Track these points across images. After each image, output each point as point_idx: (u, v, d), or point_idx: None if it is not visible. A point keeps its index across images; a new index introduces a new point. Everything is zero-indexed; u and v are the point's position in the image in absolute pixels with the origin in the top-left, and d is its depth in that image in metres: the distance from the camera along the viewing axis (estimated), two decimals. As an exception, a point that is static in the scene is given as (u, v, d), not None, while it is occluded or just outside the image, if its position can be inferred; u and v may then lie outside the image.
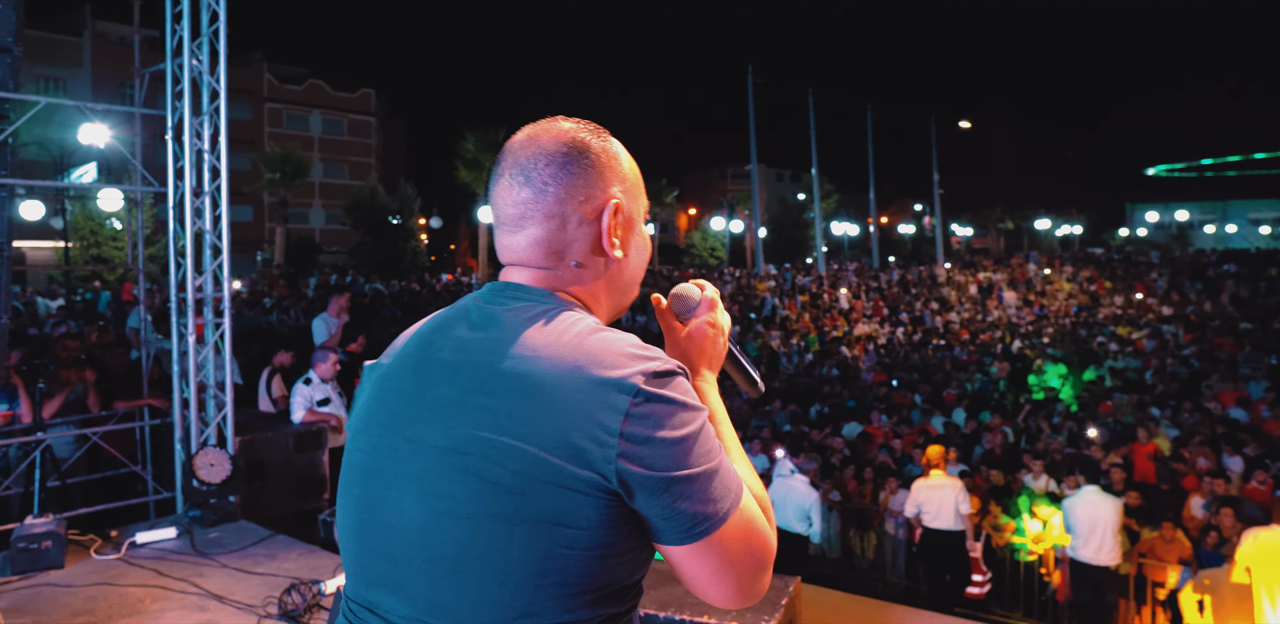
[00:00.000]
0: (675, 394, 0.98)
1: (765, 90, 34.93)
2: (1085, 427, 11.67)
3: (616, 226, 1.16)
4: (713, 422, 1.14)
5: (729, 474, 1.01)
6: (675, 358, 1.22)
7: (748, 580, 1.02)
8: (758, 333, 22.07)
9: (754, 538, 1.02)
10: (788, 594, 3.68)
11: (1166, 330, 24.49)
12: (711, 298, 1.33)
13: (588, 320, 1.06)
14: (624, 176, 1.18)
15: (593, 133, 1.18)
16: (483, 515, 0.96)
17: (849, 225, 52.35)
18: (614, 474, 0.93)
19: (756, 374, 1.40)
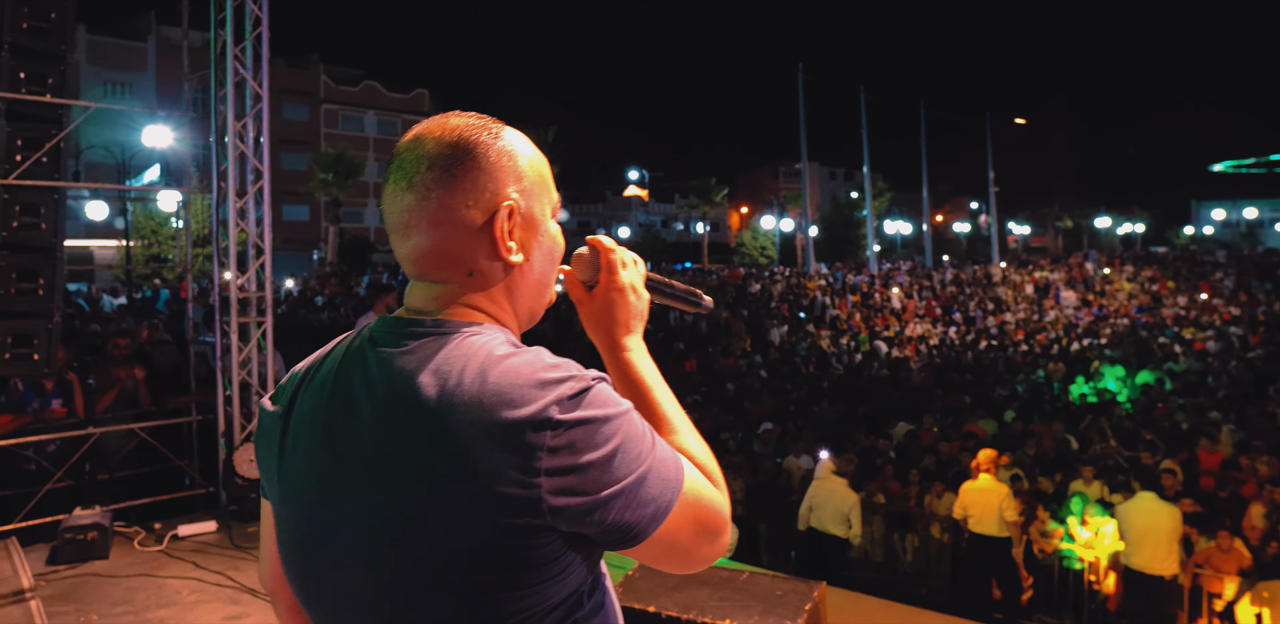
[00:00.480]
0: (593, 412, 0.94)
1: (818, 88, 34.65)
2: (1140, 431, 11.37)
3: (513, 229, 1.08)
4: (647, 396, 1.17)
5: (665, 465, 0.99)
6: (592, 328, 1.26)
7: (701, 551, 1.04)
8: (808, 332, 21.90)
9: (702, 515, 1.03)
10: (812, 599, 3.64)
11: (1233, 332, 23.76)
12: (611, 259, 1.27)
13: (490, 347, 0.99)
14: (520, 175, 1.10)
15: (482, 129, 1.09)
16: (431, 580, 0.95)
17: (902, 224, 51.66)
18: (547, 513, 0.91)
19: (694, 295, 1.37)
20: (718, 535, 1.05)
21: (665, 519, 0.98)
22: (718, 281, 26.06)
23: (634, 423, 0.98)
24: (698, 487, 1.03)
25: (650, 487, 0.97)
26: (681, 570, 1.06)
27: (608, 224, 58.37)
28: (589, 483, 0.92)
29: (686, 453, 1.10)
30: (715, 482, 1.08)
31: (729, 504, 1.08)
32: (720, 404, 13.48)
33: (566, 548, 0.96)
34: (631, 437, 0.96)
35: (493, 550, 0.92)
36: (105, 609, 3.91)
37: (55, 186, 5.34)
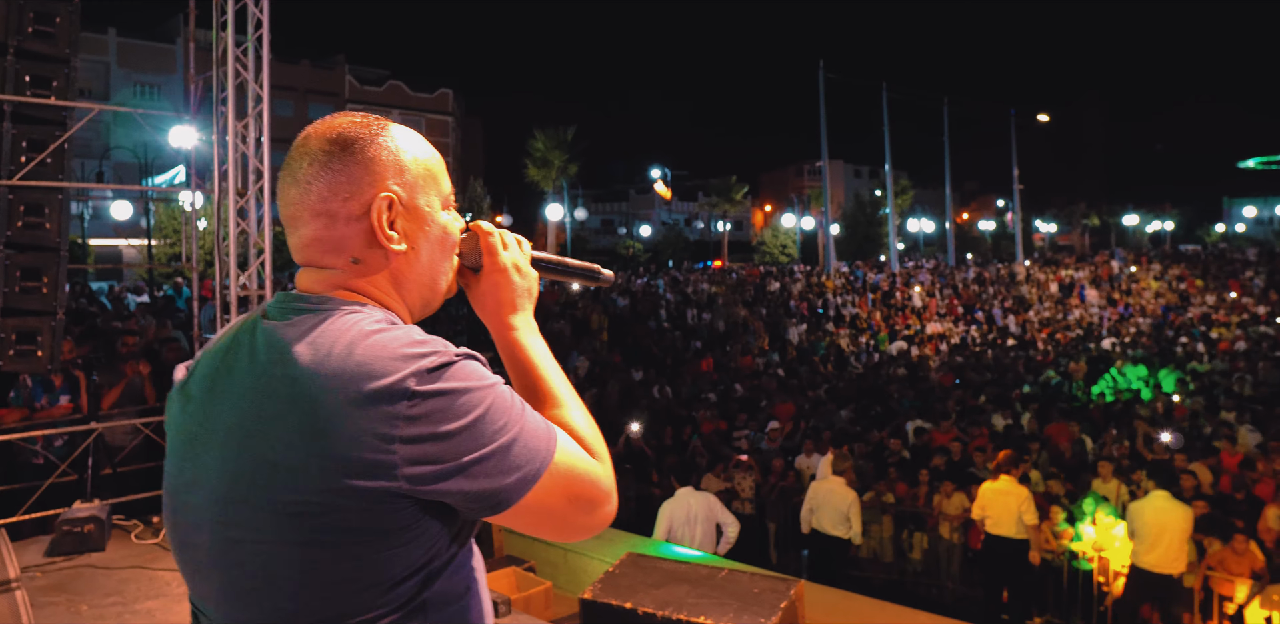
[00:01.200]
0: (452, 384, 0.99)
1: (842, 86, 34.49)
2: (1159, 431, 11.23)
3: (393, 220, 1.14)
4: (532, 372, 1.23)
5: (533, 435, 1.04)
6: (480, 310, 1.31)
7: (578, 521, 1.10)
8: (827, 331, 21.82)
9: (576, 483, 1.08)
10: (788, 597, 3.63)
11: (1264, 331, 23.37)
12: (490, 242, 1.30)
13: (363, 324, 1.05)
14: (402, 168, 1.15)
15: (365, 126, 1.15)
16: (274, 540, 0.99)
17: (926, 222, 51.27)
18: (402, 479, 0.96)
19: (591, 270, 1.41)
20: (596, 505, 1.10)
21: (533, 487, 1.03)
22: (736, 280, 25.99)
23: (500, 396, 1.03)
24: (571, 458, 1.09)
25: (516, 455, 1.01)
26: (560, 538, 1.12)
27: (630, 223, 58.38)
28: (446, 451, 0.97)
29: (568, 427, 1.15)
30: (596, 455, 1.14)
31: (610, 477, 1.13)
32: (737, 403, 13.47)
33: (421, 516, 1.00)
34: (496, 408, 1.02)
35: (343, 512, 0.96)
36: (96, 600, 3.99)
37: (59, 187, 5.42)
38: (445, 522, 1.04)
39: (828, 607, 4.59)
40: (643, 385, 14.77)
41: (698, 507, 6.36)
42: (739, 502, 9.57)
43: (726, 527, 6.50)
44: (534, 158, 33.49)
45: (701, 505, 6.39)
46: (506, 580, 4.51)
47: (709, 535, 6.37)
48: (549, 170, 32.94)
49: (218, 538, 1.04)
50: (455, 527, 1.07)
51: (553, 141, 33.43)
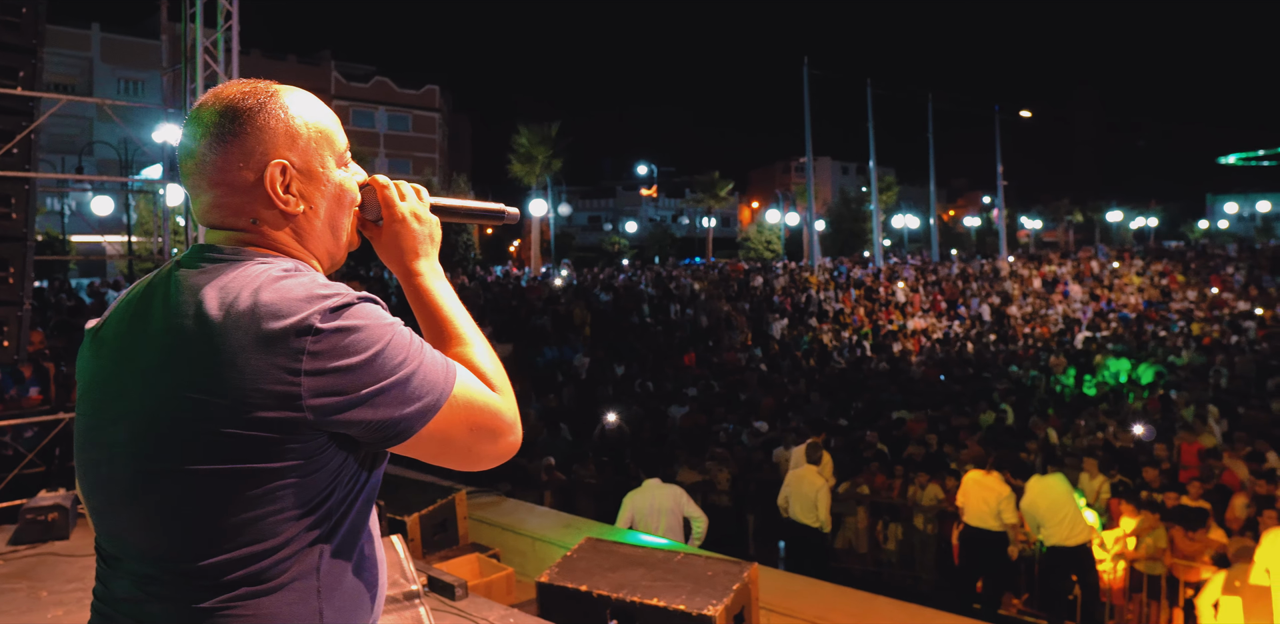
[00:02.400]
0: (353, 321, 1.07)
1: (826, 83, 34.56)
2: (1132, 423, 11.34)
3: (288, 183, 1.20)
4: (438, 314, 1.30)
5: (431, 369, 1.13)
6: (385, 259, 1.37)
7: (480, 449, 1.18)
8: (810, 326, 21.90)
9: (476, 413, 1.16)
10: (741, 579, 3.69)
11: (1247, 326, 23.57)
12: (386, 194, 1.35)
13: (272, 270, 1.12)
14: (294, 134, 1.20)
15: (253, 95, 1.20)
16: (191, 471, 1.06)
17: (911, 218, 51.45)
18: (306, 410, 1.04)
19: (492, 211, 1.45)
20: (497, 435, 1.19)
21: (434, 416, 1.12)
22: (719, 275, 26.05)
23: (399, 333, 1.12)
24: (471, 390, 1.17)
25: (415, 387, 1.10)
26: (465, 466, 1.20)
27: (616, 219, 58.39)
28: (347, 383, 1.05)
29: (471, 363, 1.23)
30: (497, 388, 1.22)
31: (512, 410, 1.22)
32: (717, 397, 13.52)
33: (327, 446, 1.08)
34: (395, 344, 1.10)
35: (254, 443, 1.04)
36: (57, 586, 4.01)
37: (26, 177, 5.43)
38: (348, 454, 1.12)
39: (788, 592, 4.65)
40: (625, 380, 14.82)
41: (663, 498, 6.40)
42: (716, 494, 9.63)
43: (694, 521, 6.53)
44: (518, 153, 33.51)
45: (667, 497, 6.42)
46: (469, 566, 4.55)
47: (674, 528, 6.40)
48: (533, 166, 32.94)
49: (137, 472, 1.09)
50: (358, 460, 1.14)
51: (537, 137, 33.43)
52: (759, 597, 3.84)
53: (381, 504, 4.50)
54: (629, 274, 27.11)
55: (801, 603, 4.43)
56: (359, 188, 1.33)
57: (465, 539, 4.98)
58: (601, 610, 3.68)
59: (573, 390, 14.02)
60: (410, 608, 3.11)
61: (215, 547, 1.06)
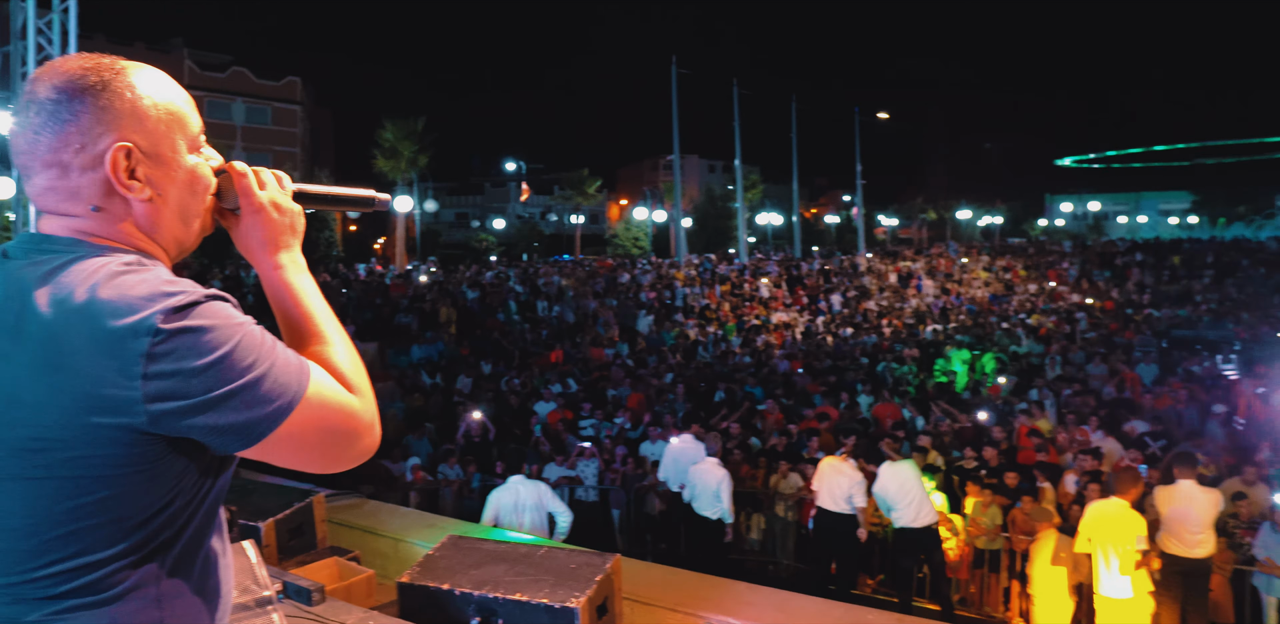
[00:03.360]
0: (198, 321, 1.00)
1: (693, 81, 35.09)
2: (974, 409, 12.02)
3: (133, 168, 1.11)
4: (297, 309, 1.24)
5: (284, 371, 1.06)
6: (244, 251, 1.30)
7: (335, 452, 1.13)
8: (676, 322, 22.24)
9: (331, 416, 1.11)
10: (603, 571, 3.75)
11: (1078, 317, 25.30)
12: (244, 183, 1.27)
13: (111, 265, 1.04)
14: (140, 115, 1.12)
15: (97, 70, 1.10)
16: (16, 476, 1.01)
17: (774, 216, 52.93)
18: (145, 415, 0.98)
19: (361, 198, 1.38)
20: (353, 437, 1.14)
21: (286, 419, 1.05)
22: (587, 272, 26.17)
23: (249, 334, 1.05)
24: (325, 392, 1.11)
25: (266, 390, 1.04)
26: (321, 469, 1.15)
27: (484, 216, 57.79)
28: (191, 388, 0.98)
29: (329, 363, 1.17)
30: (355, 389, 1.17)
31: (369, 411, 1.17)
32: (583, 393, 13.59)
33: (166, 453, 1.03)
34: (245, 345, 1.03)
35: (85, 449, 0.99)
36: None
37: None
38: (191, 460, 1.06)
39: (650, 582, 4.74)
40: (491, 378, 14.72)
41: (527, 495, 6.42)
42: (583, 490, 9.70)
43: (559, 516, 6.58)
44: (383, 148, 32.74)
45: (531, 494, 6.44)
46: (327, 571, 4.46)
47: (538, 524, 6.43)
48: (398, 161, 32.25)
49: None
50: (202, 465, 1.09)
51: (402, 132, 32.73)
52: (622, 587, 3.91)
53: (234, 510, 4.36)
54: (496, 271, 26.90)
55: (663, 592, 4.53)
56: (214, 174, 1.24)
57: (324, 543, 4.86)
58: (464, 608, 3.68)
59: (438, 389, 13.84)
60: (263, 615, 3.03)
61: (45, 559, 1.02)
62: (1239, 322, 24.60)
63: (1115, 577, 6.07)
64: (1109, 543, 6.11)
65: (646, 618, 4.37)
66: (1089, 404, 12.32)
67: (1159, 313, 26.84)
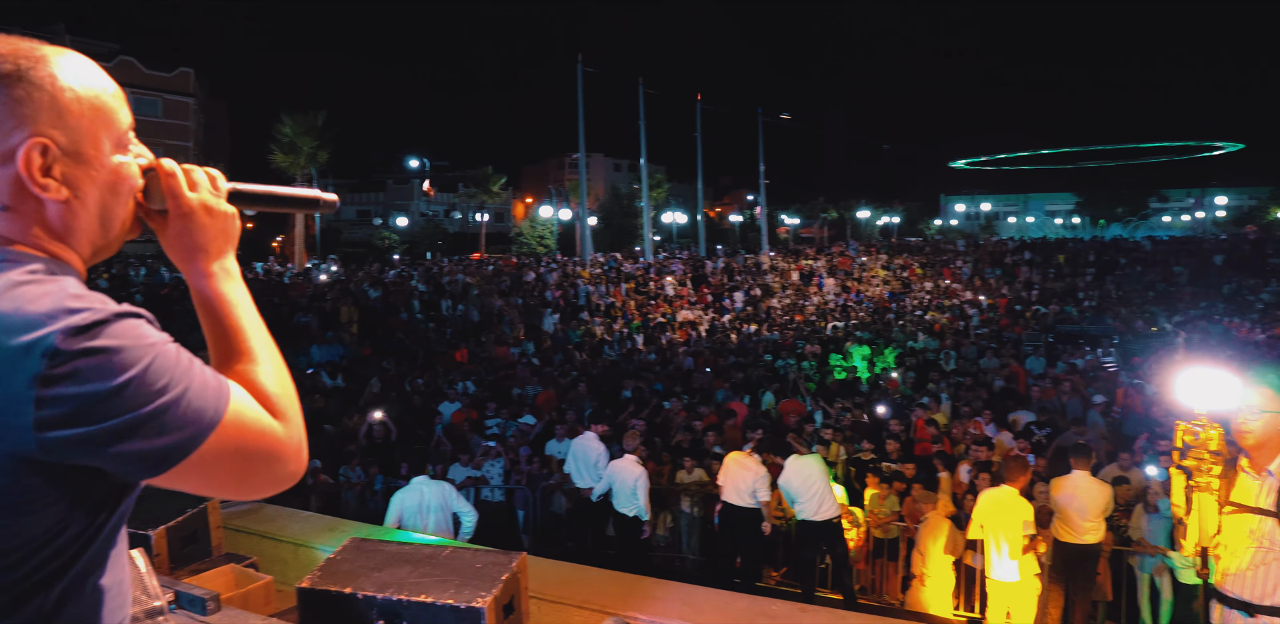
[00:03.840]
0: (106, 342, 0.92)
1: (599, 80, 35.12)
2: (874, 403, 12.38)
3: (49, 166, 1.02)
4: (225, 323, 1.16)
5: (200, 395, 0.98)
6: (173, 258, 1.21)
7: (252, 481, 1.05)
8: (582, 320, 22.25)
9: (250, 444, 1.03)
10: (509, 569, 3.74)
11: (970, 313, 26.27)
12: (172, 183, 1.18)
13: (13, 273, 0.96)
14: (61, 108, 1.03)
15: (14, 57, 1.02)
16: None
17: (679, 214, 53.40)
18: (34, 443, 0.90)
19: (305, 198, 1.30)
20: (274, 461, 1.06)
21: (201, 445, 0.97)
22: (492, 271, 25.95)
23: (163, 354, 0.96)
24: (246, 417, 1.03)
25: (177, 416, 0.95)
26: (237, 496, 1.08)
27: (387, 213, 56.71)
28: (94, 413, 0.90)
29: (254, 383, 1.10)
30: (280, 413, 1.09)
31: (294, 437, 1.09)
32: (488, 392, 13.48)
33: (60, 482, 0.94)
34: (156, 368, 0.94)
35: None
36: None
37: None
38: (87, 489, 0.98)
39: (557, 580, 4.74)
40: (395, 378, 14.46)
41: (431, 495, 6.35)
42: (488, 490, 9.63)
43: (463, 516, 6.52)
44: (281, 143, 31.76)
45: (436, 494, 6.37)
46: (223, 578, 4.32)
47: (443, 525, 6.37)
48: (297, 157, 31.32)
49: None
50: (100, 494, 1.01)
51: (301, 126, 31.78)
52: (529, 586, 3.91)
53: (122, 518, 4.18)
54: (399, 270, 26.43)
55: (570, 589, 4.54)
56: (141, 173, 1.14)
57: (219, 550, 4.71)
58: (367, 611, 3.62)
59: (339, 390, 13.54)
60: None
61: None
62: (1117, 317, 25.94)
63: (1005, 561, 6.34)
64: (999, 529, 6.38)
65: (554, 616, 4.37)
66: (981, 397, 12.83)
67: (1045, 309, 28.08)
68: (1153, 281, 32.28)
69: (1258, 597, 3.22)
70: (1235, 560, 3.27)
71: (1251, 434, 3.25)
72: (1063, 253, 36.51)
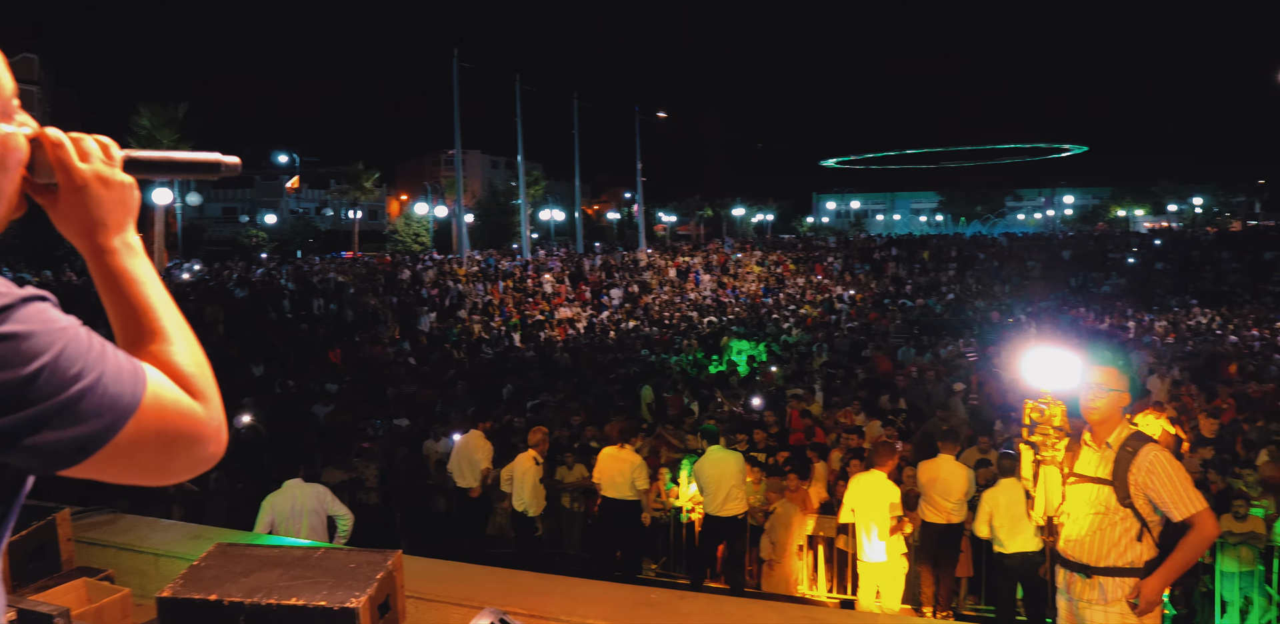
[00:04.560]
0: (13, 328, 0.87)
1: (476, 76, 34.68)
2: (751, 395, 12.65)
3: None
4: (133, 302, 1.09)
5: (115, 379, 0.93)
6: (67, 234, 1.13)
7: (174, 464, 1.01)
8: (459, 319, 21.96)
9: (171, 426, 0.98)
10: (384, 568, 3.66)
11: (840, 307, 27.16)
12: (61, 155, 1.10)
13: None
14: None
15: None
16: None
17: (557, 212, 53.31)
18: None
19: (205, 163, 1.23)
20: (194, 445, 1.01)
21: (119, 432, 0.93)
22: (366, 269, 25.32)
23: (74, 339, 0.91)
24: (165, 399, 0.98)
25: (94, 402, 0.91)
26: (158, 481, 1.02)
27: (255, 210, 54.59)
28: (4, 404, 0.85)
29: (170, 364, 1.04)
30: (199, 393, 1.04)
31: (215, 417, 1.04)
32: (363, 393, 13.17)
33: None
34: (70, 353, 0.89)
35: None
36: None
37: None
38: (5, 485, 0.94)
39: (434, 578, 4.67)
40: (264, 381, 13.97)
41: (305, 499, 6.16)
42: (364, 492, 9.41)
43: (339, 519, 6.35)
44: (138, 136, 30.09)
45: (310, 497, 6.19)
46: (74, 593, 4.09)
47: (318, 528, 6.19)
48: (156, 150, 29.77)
49: None
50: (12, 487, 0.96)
51: (161, 118, 30.20)
52: (405, 584, 3.84)
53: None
54: (268, 268, 25.48)
55: (448, 587, 4.48)
56: (27, 143, 1.06)
57: (70, 564, 4.45)
58: (234, 618, 3.49)
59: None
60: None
61: None
62: (975, 309, 27.30)
63: (874, 543, 6.60)
64: (869, 512, 6.63)
65: (432, 615, 4.31)
66: (851, 387, 13.29)
67: (911, 303, 29.31)
68: (1009, 276, 34.10)
69: (1095, 559, 3.47)
70: (1076, 527, 3.52)
71: (1098, 411, 3.50)
72: (927, 249, 38.13)
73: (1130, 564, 3.42)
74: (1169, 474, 3.37)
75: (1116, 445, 3.48)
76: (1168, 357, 17.02)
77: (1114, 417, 3.53)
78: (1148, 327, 22.55)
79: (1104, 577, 3.44)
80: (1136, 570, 3.40)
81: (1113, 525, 3.44)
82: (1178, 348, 18.43)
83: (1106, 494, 3.44)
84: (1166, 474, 3.37)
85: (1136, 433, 3.52)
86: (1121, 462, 3.43)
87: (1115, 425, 3.53)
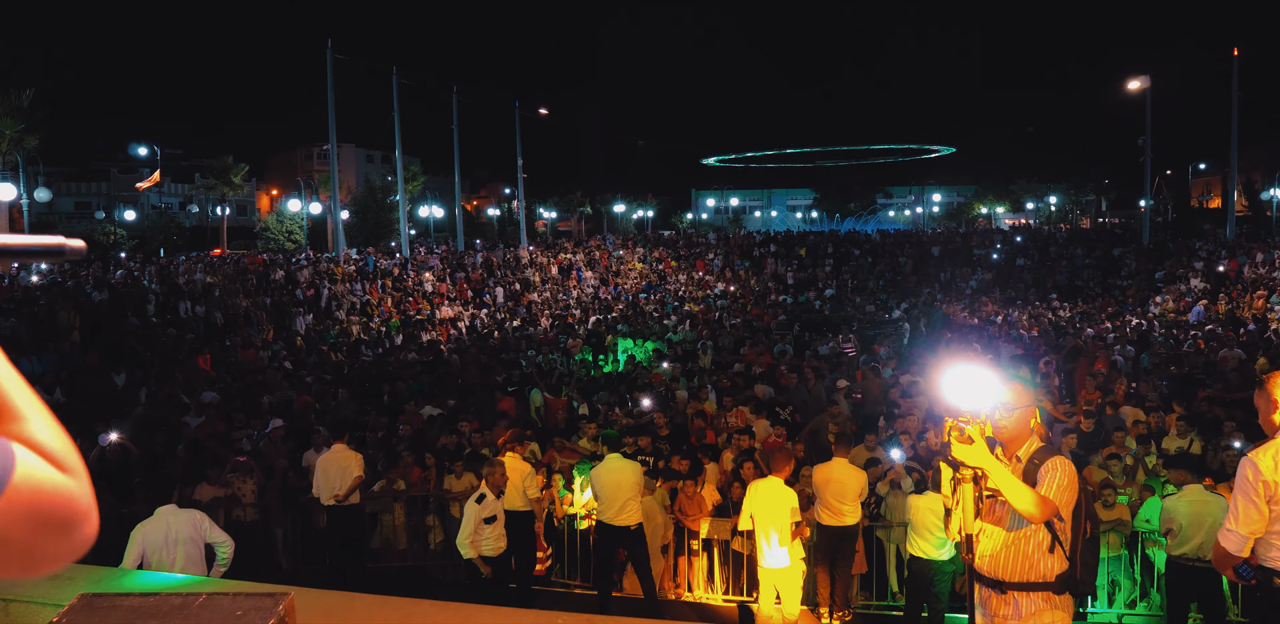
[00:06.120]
0: None
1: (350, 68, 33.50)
2: (639, 397, 12.59)
3: None
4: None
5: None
6: None
7: (50, 549, 0.93)
8: (336, 319, 21.20)
9: (44, 505, 0.92)
10: (276, 614, 3.39)
11: (721, 304, 27.47)
12: None
13: None
14: None
15: None
16: None
17: (437, 208, 52.23)
18: None
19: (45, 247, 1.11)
20: (69, 527, 0.94)
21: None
22: (236, 268, 24.14)
23: None
24: (36, 477, 0.92)
25: None
26: (29, 572, 0.94)
27: (112, 206, 51.49)
28: None
29: (33, 442, 0.97)
30: (68, 469, 0.97)
31: (87, 494, 0.97)
32: (239, 400, 12.50)
33: None
34: None
35: None
36: None
37: None
38: None
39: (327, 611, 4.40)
40: (127, 390, 13.11)
41: (179, 526, 5.75)
42: (241, 509, 8.91)
43: (218, 547, 5.95)
44: (-21, 125, 27.85)
45: (185, 524, 5.78)
46: (-89, 649, 3.66)
47: (195, 558, 5.79)
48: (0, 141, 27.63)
49: None
50: None
51: (4, 107, 28.02)
52: None
53: None
54: (128, 268, 23.99)
55: (342, 620, 4.23)
56: None
57: (-93, 614, 4.00)
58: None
59: (60, 406, 12.07)
60: None
61: None
62: (853, 305, 28.07)
63: (775, 549, 6.62)
64: (769, 518, 6.64)
65: (325, 654, 4.05)
66: (738, 386, 13.39)
67: (790, 299, 29.91)
68: (882, 271, 35.20)
69: (1009, 574, 3.52)
70: (991, 542, 3.57)
71: (1006, 429, 3.55)
72: (804, 246, 38.98)
73: (1042, 578, 3.48)
74: (1060, 471, 3.44)
75: (1025, 458, 3.54)
76: (1035, 350, 17.87)
77: (1023, 432, 3.59)
78: (1014, 321, 23.61)
79: (1018, 592, 3.49)
80: (1049, 584, 3.47)
81: (1025, 539, 3.50)
82: (1042, 341, 19.35)
83: None
84: (1057, 471, 3.43)
85: (1045, 447, 3.58)
86: (1029, 474, 3.48)
87: (1024, 440, 3.59)
